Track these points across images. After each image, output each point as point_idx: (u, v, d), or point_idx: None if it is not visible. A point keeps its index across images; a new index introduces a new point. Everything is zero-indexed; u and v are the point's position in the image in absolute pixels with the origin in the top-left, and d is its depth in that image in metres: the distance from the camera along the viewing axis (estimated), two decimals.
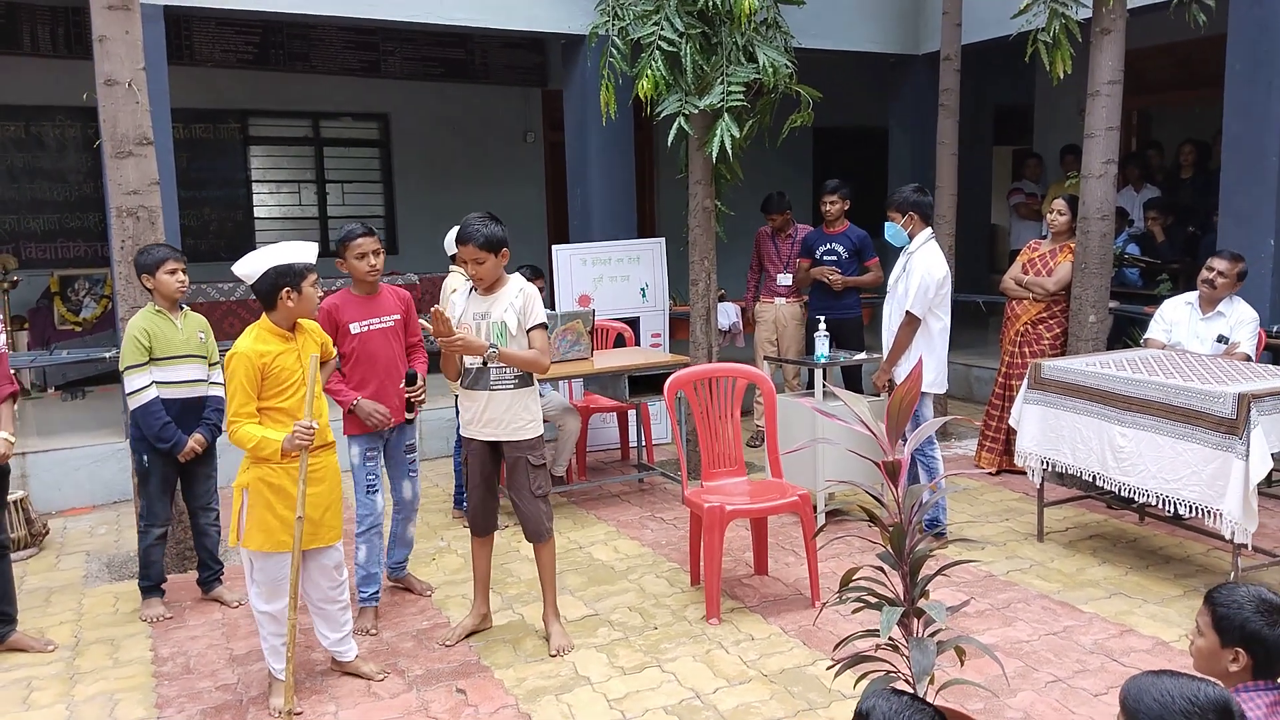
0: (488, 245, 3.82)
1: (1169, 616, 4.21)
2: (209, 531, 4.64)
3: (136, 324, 4.32)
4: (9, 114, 8.91)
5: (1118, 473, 4.59)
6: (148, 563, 4.51)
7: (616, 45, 5.87)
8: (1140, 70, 8.23)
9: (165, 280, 4.33)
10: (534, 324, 3.93)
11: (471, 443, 4.05)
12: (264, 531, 3.51)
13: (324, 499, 3.63)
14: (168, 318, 4.37)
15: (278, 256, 3.55)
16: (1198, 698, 1.83)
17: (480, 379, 3.94)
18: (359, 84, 10.04)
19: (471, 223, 3.83)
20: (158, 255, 4.36)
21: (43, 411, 7.23)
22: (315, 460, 3.58)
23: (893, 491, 2.88)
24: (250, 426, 3.46)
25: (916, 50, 8.88)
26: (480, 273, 3.88)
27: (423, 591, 4.65)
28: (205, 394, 4.49)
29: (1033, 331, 6.19)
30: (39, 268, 8.89)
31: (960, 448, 7.08)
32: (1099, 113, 5.92)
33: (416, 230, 10.40)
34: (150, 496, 4.45)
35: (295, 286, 3.53)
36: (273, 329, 3.57)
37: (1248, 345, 5.15)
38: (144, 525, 4.49)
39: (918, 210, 5.13)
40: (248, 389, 3.46)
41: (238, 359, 3.47)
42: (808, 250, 6.95)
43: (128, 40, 4.74)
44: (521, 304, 3.91)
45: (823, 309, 6.61)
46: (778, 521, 5.38)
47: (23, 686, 3.86)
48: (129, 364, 4.28)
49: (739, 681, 3.74)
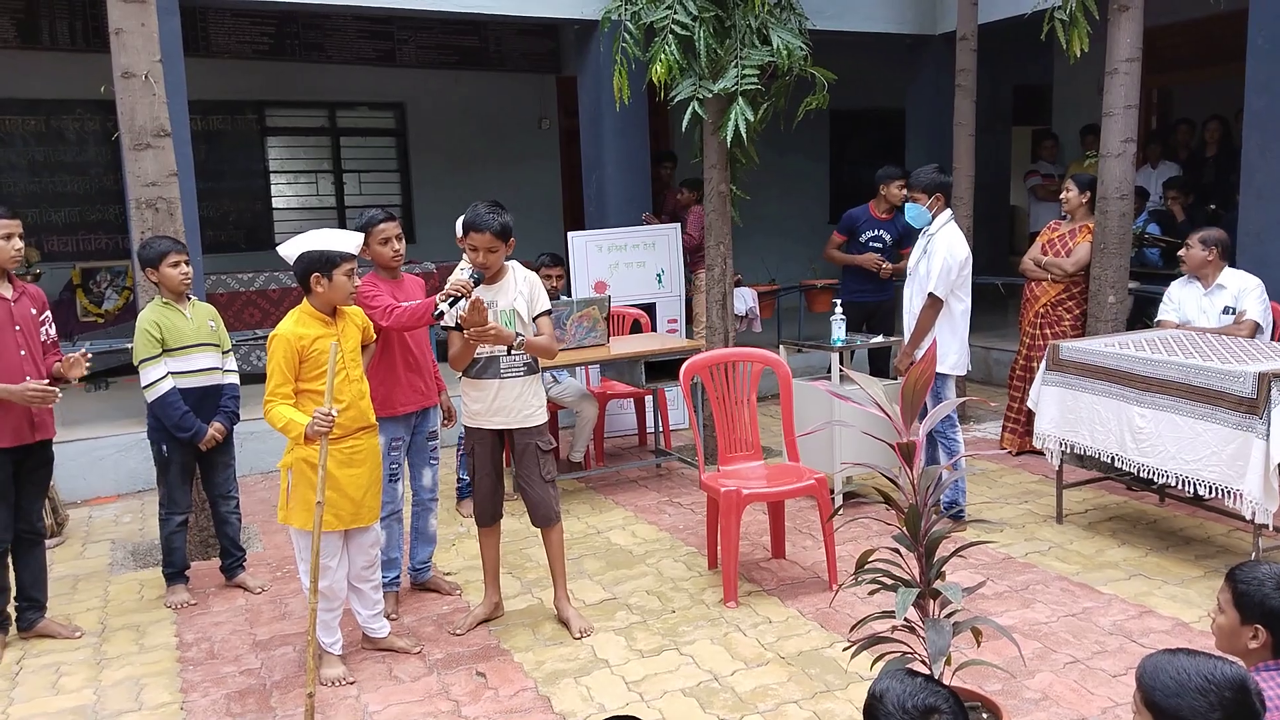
0: (502, 234, 3.85)
1: (1189, 597, 4.20)
2: (230, 519, 4.70)
3: (146, 317, 4.38)
4: (30, 108, 8.99)
5: (1137, 454, 4.56)
6: (170, 550, 4.58)
7: (629, 30, 5.86)
8: (1159, 47, 8.15)
9: (169, 273, 4.38)
10: (541, 310, 3.97)
11: (479, 432, 4.06)
12: (307, 510, 3.57)
13: (364, 480, 3.71)
14: (176, 309, 4.42)
15: (316, 242, 3.61)
16: (1214, 675, 1.83)
17: (490, 367, 3.95)
18: (374, 73, 10.07)
19: (484, 211, 3.85)
20: (160, 248, 4.41)
21: (67, 402, 7.26)
22: (356, 442, 3.69)
23: (908, 473, 2.88)
24: (282, 407, 3.54)
25: (933, 30, 8.81)
26: (491, 261, 3.90)
27: (450, 591, 4.58)
28: (220, 382, 4.54)
29: (1053, 313, 6.15)
30: (61, 260, 8.99)
31: (979, 430, 7.06)
32: (1117, 91, 5.86)
33: (433, 218, 10.43)
34: (170, 485, 4.51)
35: (327, 274, 3.59)
36: (313, 313, 3.65)
37: (1256, 312, 5.07)
38: (165, 513, 4.55)
39: (943, 191, 5.10)
40: (285, 370, 3.55)
41: (278, 340, 3.57)
42: (849, 229, 6.83)
43: (144, 33, 4.77)
44: (529, 291, 3.96)
45: (859, 291, 6.59)
46: (795, 505, 5.38)
47: (52, 671, 3.93)
48: (142, 357, 4.34)
49: (757, 664, 3.76)
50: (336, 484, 3.61)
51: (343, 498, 3.65)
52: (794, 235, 11.30)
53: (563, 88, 10.85)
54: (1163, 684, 1.85)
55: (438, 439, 4.53)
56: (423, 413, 4.39)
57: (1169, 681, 1.84)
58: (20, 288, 4.06)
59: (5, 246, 3.94)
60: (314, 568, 3.48)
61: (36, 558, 4.23)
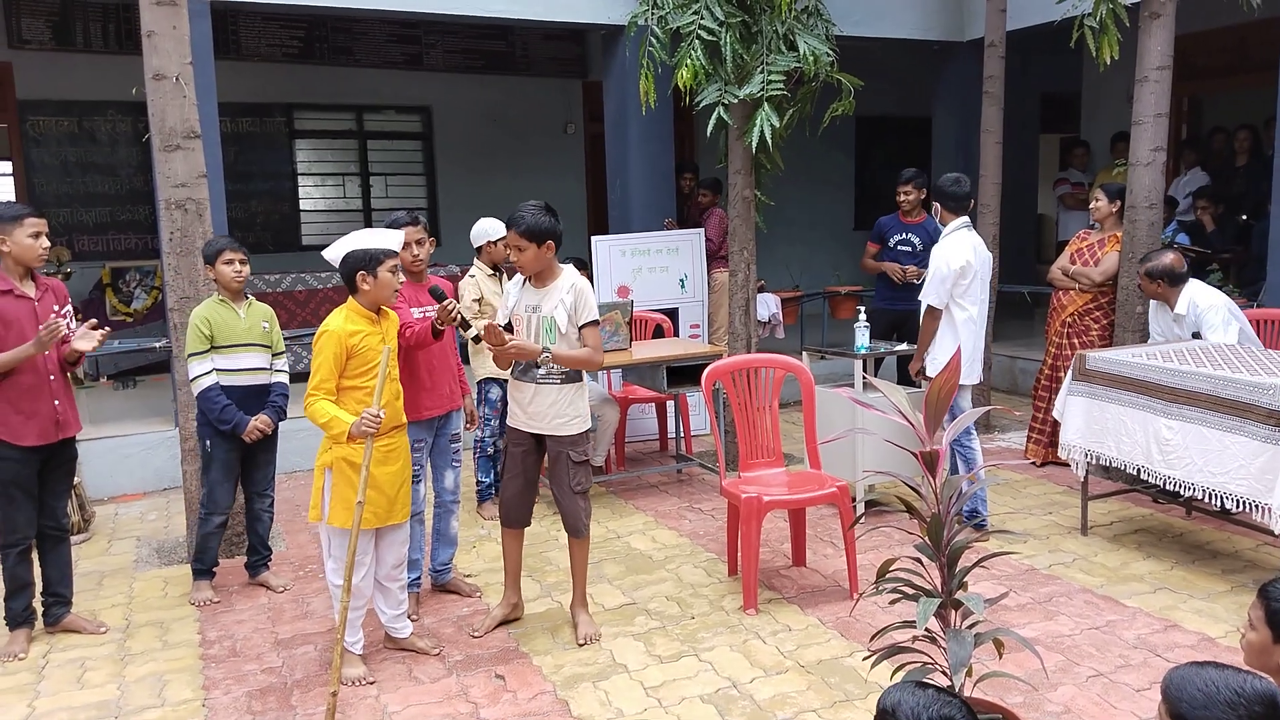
0: (528, 234, 3.82)
1: (1215, 612, 4.14)
2: (263, 517, 4.74)
3: (199, 313, 4.45)
4: (62, 109, 9.12)
5: (1163, 466, 4.51)
6: (204, 548, 4.62)
7: (656, 35, 5.86)
8: (1190, 55, 8.06)
9: (222, 270, 4.46)
10: (586, 321, 3.93)
11: (515, 432, 4.08)
12: (348, 509, 3.61)
13: (397, 478, 3.77)
14: (230, 307, 4.49)
15: (359, 242, 3.67)
16: (1244, 689, 1.79)
17: (528, 371, 3.97)
18: (402, 77, 10.13)
19: (520, 210, 3.86)
20: (217, 246, 4.51)
21: (95, 400, 7.40)
22: (389, 440, 3.73)
23: (931, 482, 2.86)
24: (325, 403, 3.59)
25: (961, 37, 8.76)
26: (521, 260, 3.89)
27: (471, 593, 4.59)
28: (268, 381, 4.59)
29: (1080, 323, 6.11)
30: (91, 260, 9.11)
31: (1003, 440, 7.00)
32: (1147, 99, 5.81)
33: (458, 222, 10.41)
34: (213, 483, 4.55)
35: (372, 271, 3.65)
36: (360, 310, 3.71)
37: (1218, 337, 5.03)
38: (205, 512, 4.59)
39: (949, 201, 5.08)
40: (332, 365, 3.61)
41: (327, 336, 3.62)
42: (880, 236, 6.81)
43: (175, 35, 4.82)
44: (572, 300, 3.90)
45: (890, 299, 6.56)
46: (816, 513, 5.36)
47: (77, 666, 3.98)
48: (191, 351, 4.41)
49: (776, 671, 3.74)
50: (375, 482, 3.66)
51: (380, 495, 3.69)
52: (818, 241, 11.28)
53: (588, 93, 10.89)
54: (1190, 696, 1.82)
55: (459, 441, 4.55)
56: (446, 416, 4.41)
57: (1196, 694, 1.81)
58: (44, 285, 4.11)
59: (33, 245, 3.98)
60: (349, 567, 3.50)
61: (62, 554, 4.28)
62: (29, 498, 4.07)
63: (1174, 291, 5.22)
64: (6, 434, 3.97)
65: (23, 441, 3.98)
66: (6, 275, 3.99)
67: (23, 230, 3.95)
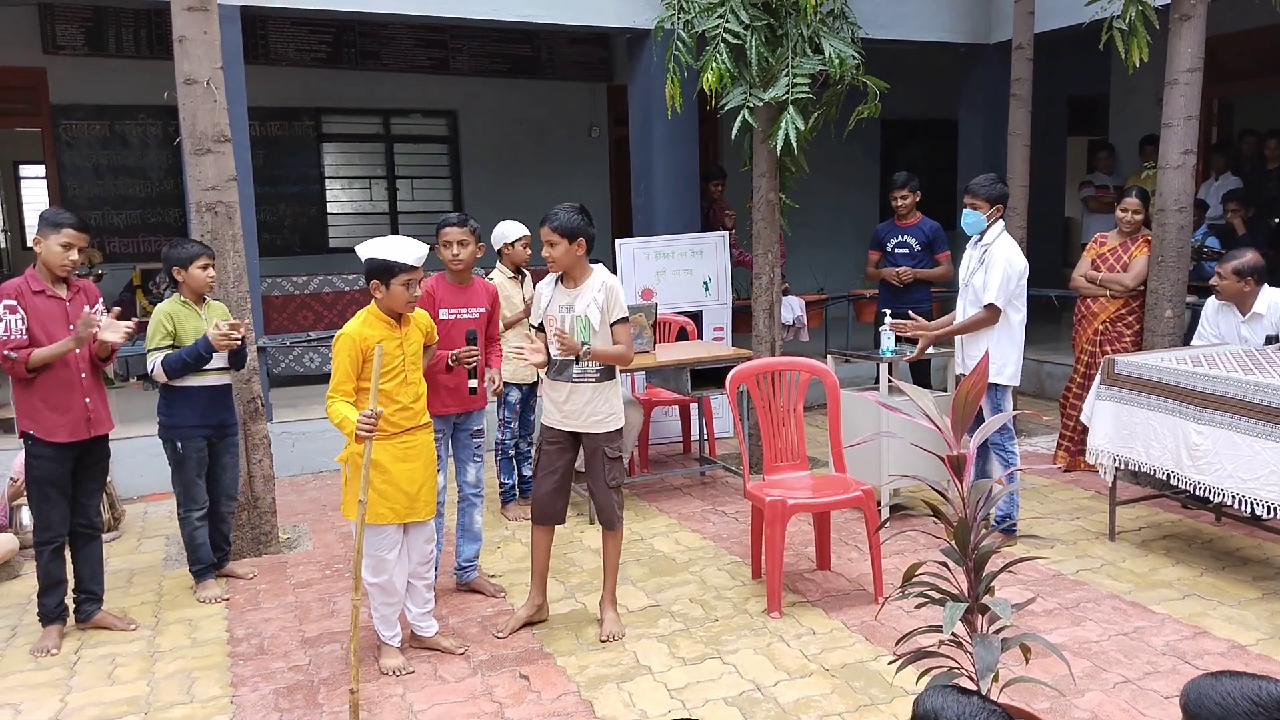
0: (561, 229, 3.91)
1: (1246, 619, 4.09)
2: (227, 519, 4.89)
3: (164, 309, 4.52)
4: (95, 114, 9.24)
5: (1193, 471, 4.47)
6: (194, 546, 4.68)
7: (682, 38, 5.87)
8: (1221, 57, 7.98)
9: (197, 274, 4.53)
10: (617, 318, 4.00)
11: (551, 431, 4.12)
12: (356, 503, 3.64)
13: (419, 475, 3.80)
14: (192, 308, 4.56)
15: (384, 250, 3.68)
16: (1260, 696, 1.78)
17: (564, 370, 4.03)
18: (428, 81, 10.19)
19: (556, 208, 3.95)
20: (192, 251, 4.56)
21: (125, 400, 7.49)
22: (411, 439, 3.77)
23: (958, 486, 2.84)
24: (340, 405, 3.62)
25: (988, 39, 8.71)
26: (553, 256, 3.97)
27: (495, 593, 4.60)
28: (229, 382, 4.72)
29: (1112, 329, 6.03)
30: (122, 261, 9.23)
31: (1030, 444, 6.95)
32: (1177, 102, 5.76)
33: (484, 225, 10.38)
34: (186, 482, 4.62)
35: (384, 281, 3.67)
36: (379, 315, 3.74)
37: None
38: (184, 512, 4.66)
39: (1004, 202, 5.08)
40: (348, 368, 3.65)
41: (343, 339, 3.67)
42: (878, 243, 6.86)
43: (206, 40, 4.88)
44: (604, 299, 3.98)
45: (891, 303, 6.54)
46: (840, 517, 5.35)
47: (108, 662, 4.03)
48: (151, 346, 4.46)
49: (800, 675, 3.73)
50: (391, 478, 3.70)
51: (397, 491, 3.72)
52: (843, 245, 11.23)
53: (613, 96, 10.91)
54: (1209, 711, 1.80)
55: (482, 437, 4.60)
56: (466, 413, 4.46)
57: (1214, 707, 1.80)
58: (75, 286, 4.17)
59: (61, 254, 4.02)
60: (356, 565, 3.52)
61: (94, 552, 4.34)
62: (63, 495, 4.14)
63: (1257, 290, 5.13)
64: (39, 431, 4.03)
65: (54, 438, 4.04)
66: (39, 277, 4.05)
67: (57, 238, 4.01)
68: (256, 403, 5.14)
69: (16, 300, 3.96)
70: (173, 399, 4.55)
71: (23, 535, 5.11)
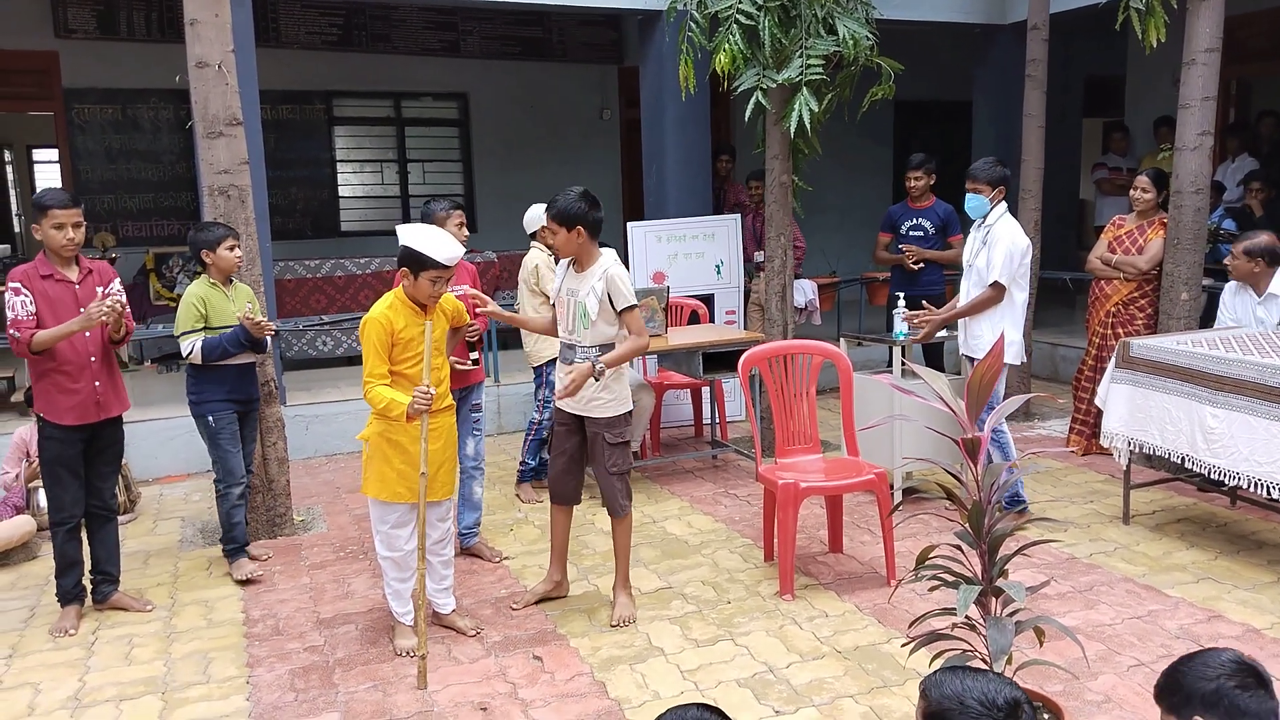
0: (558, 218, 3.92)
1: (1260, 603, 4.08)
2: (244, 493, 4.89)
3: (194, 292, 4.53)
4: (107, 97, 9.25)
5: (1208, 455, 4.44)
6: (231, 524, 4.68)
7: (695, 19, 5.84)
8: (1240, 37, 7.89)
9: (225, 256, 4.55)
10: (625, 306, 3.98)
11: (560, 411, 4.16)
12: (380, 481, 3.76)
13: (440, 455, 3.86)
14: (220, 290, 4.58)
15: (421, 242, 3.66)
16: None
17: (566, 354, 4.06)
18: (439, 64, 10.17)
19: (559, 194, 3.95)
20: (219, 233, 4.58)
21: (139, 383, 7.53)
22: (434, 421, 3.80)
23: (972, 469, 2.84)
24: (382, 389, 3.66)
25: (1003, 20, 8.63)
26: (554, 244, 4.04)
27: (492, 558, 4.76)
28: (254, 360, 4.74)
29: (1125, 312, 6.00)
30: (135, 245, 9.26)
31: (1044, 428, 6.93)
32: (1195, 82, 5.69)
33: (495, 208, 10.52)
34: (223, 454, 4.63)
35: (414, 272, 3.69)
36: (405, 301, 3.76)
37: None
38: (223, 487, 4.66)
39: (1006, 184, 5.10)
40: (379, 351, 3.67)
41: (370, 324, 3.69)
42: (892, 225, 6.84)
43: (217, 23, 4.88)
44: (603, 288, 3.94)
45: (904, 286, 6.51)
46: (853, 499, 5.34)
47: (125, 643, 4.06)
48: (185, 329, 4.48)
49: (812, 657, 3.74)
50: (411, 459, 3.73)
51: (417, 472, 3.75)
52: (856, 227, 11.18)
53: (624, 78, 10.86)
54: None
55: (481, 411, 4.71)
56: (468, 387, 4.55)
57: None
58: (86, 267, 4.16)
59: (55, 235, 4.00)
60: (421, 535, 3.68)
61: (110, 533, 4.37)
62: (74, 477, 4.16)
63: (1270, 271, 5.12)
64: (48, 412, 4.06)
65: (62, 420, 4.06)
66: (48, 260, 4.06)
67: (47, 221, 4.00)
68: (270, 386, 5.15)
69: (22, 283, 3.98)
70: (201, 377, 4.57)
71: (40, 517, 5.14)
